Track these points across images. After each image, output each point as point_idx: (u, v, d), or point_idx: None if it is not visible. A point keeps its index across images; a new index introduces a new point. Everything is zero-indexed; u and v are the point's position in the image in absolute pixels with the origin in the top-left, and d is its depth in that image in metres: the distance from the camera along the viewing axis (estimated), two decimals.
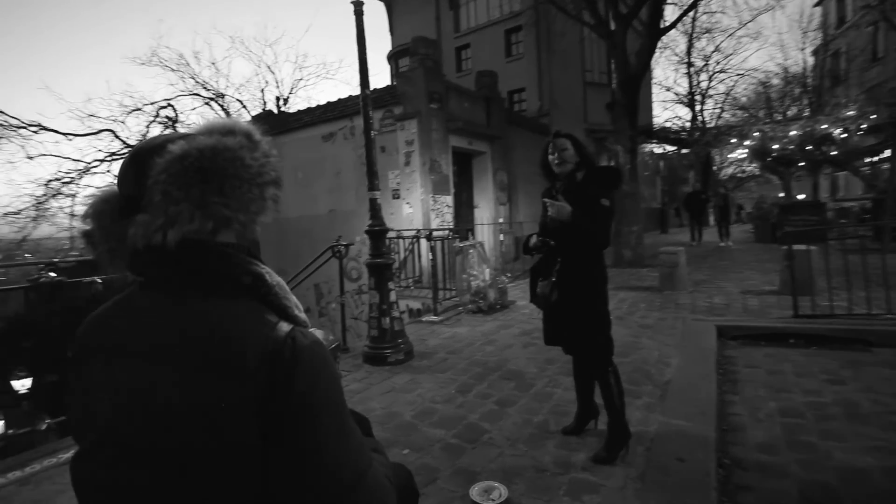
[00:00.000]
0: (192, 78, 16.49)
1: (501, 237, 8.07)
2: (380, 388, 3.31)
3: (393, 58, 17.82)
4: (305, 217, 10.59)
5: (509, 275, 8.20)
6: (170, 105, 15.75)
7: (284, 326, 0.66)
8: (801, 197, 17.23)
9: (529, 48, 14.61)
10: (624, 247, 8.81)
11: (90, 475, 0.65)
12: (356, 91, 9.75)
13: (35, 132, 13.61)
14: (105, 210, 0.71)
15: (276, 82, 27.55)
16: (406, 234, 7.39)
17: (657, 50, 14.68)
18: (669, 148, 22.07)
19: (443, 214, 9.21)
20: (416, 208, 8.95)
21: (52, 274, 2.98)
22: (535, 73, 14.40)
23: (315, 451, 0.62)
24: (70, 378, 0.70)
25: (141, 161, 0.67)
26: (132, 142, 15.12)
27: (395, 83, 9.19)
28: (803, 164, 14.28)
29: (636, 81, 8.59)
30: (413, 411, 2.87)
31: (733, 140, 15.16)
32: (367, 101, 3.95)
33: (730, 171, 24.82)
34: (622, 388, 2.31)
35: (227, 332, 0.63)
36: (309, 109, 10.96)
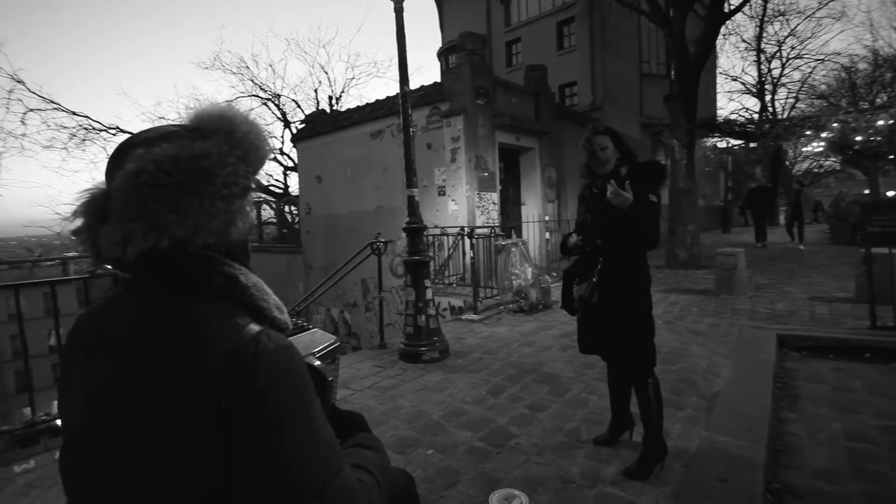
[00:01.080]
0: (251, 80, 17.36)
1: (547, 235, 7.87)
2: (412, 386, 3.31)
3: (443, 54, 17.84)
4: (354, 213, 10.86)
5: (554, 274, 7.99)
6: None
7: (252, 329, 0.65)
8: (890, 194, 15.54)
9: (582, 40, 14.11)
10: (678, 247, 8.32)
11: (68, 468, 0.67)
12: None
13: (114, 134, 14.88)
14: (90, 210, 0.71)
15: (329, 82, 28.55)
16: (450, 230, 7.39)
17: (721, 37, 13.73)
18: (735, 142, 20.62)
19: (488, 212, 9.12)
20: (461, 205, 8.92)
21: (108, 266, 3.21)
22: (588, 65, 13.89)
23: (275, 457, 0.60)
24: (61, 372, 0.73)
25: (119, 159, 0.68)
26: None
27: (442, 80, 9.17)
28: (893, 157, 12.86)
29: (695, 71, 8.06)
30: (442, 411, 2.85)
31: (808, 132, 13.90)
32: (406, 99, 3.95)
33: (805, 165, 22.84)
34: (661, 401, 2.17)
35: (190, 335, 0.63)
36: (358, 108, 11.20)
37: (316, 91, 20.62)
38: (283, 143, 17.97)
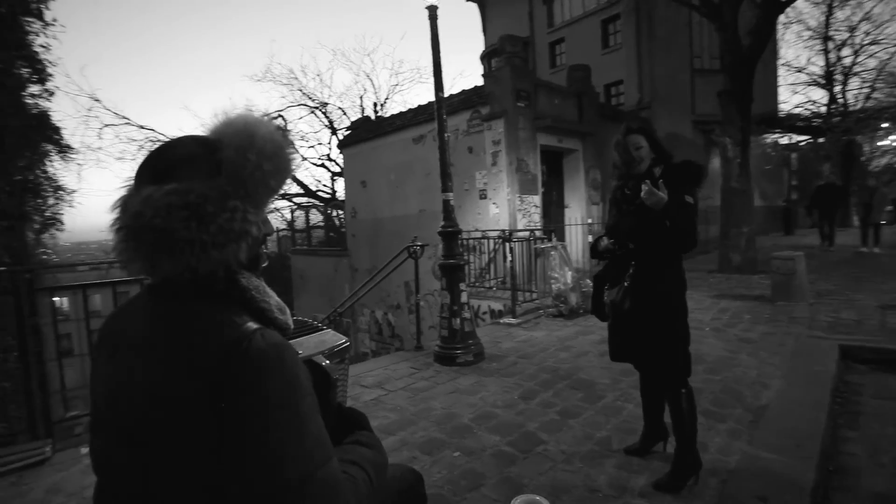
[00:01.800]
0: (300, 90, 18.10)
1: (590, 238, 7.65)
2: (444, 388, 3.35)
3: (486, 57, 17.83)
4: (397, 217, 11.07)
5: None
6: (280, 116, 17.49)
7: (249, 327, 0.71)
8: None
9: (628, 37, 13.66)
10: (731, 250, 7.87)
11: (94, 447, 0.76)
12: (447, 93, 9.96)
13: None
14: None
15: (374, 89, 29.19)
16: (491, 234, 7.39)
17: (781, 26, 12.88)
18: (799, 137, 19.22)
19: (530, 214, 9.03)
20: (502, 208, 8.89)
21: None
22: (635, 63, 13.43)
23: (259, 447, 0.65)
24: (91, 364, 0.82)
25: (138, 181, 0.76)
26: None
27: (483, 83, 9.18)
28: None
29: (750, 64, 7.60)
30: (472, 414, 2.86)
31: (885, 124, 12.72)
32: (440, 105, 4.01)
33: (884, 160, 20.92)
34: (695, 412, 2.07)
35: (192, 332, 0.70)
36: (401, 113, 11.42)
37: (361, 98, 21.26)
38: (330, 149, 18.62)
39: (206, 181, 0.74)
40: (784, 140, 18.87)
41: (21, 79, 5.29)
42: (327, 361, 0.99)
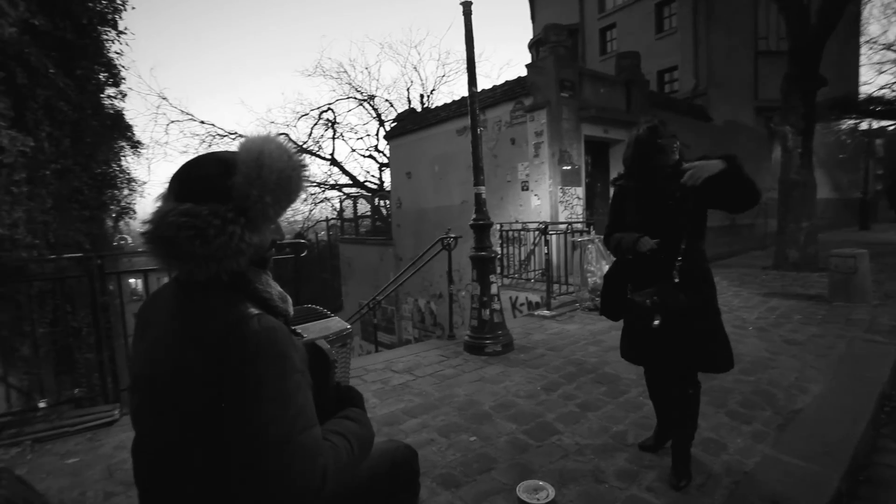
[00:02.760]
0: (349, 84, 18.57)
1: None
2: (470, 377, 3.46)
3: (534, 46, 17.47)
4: (441, 208, 11.22)
5: None
6: (330, 109, 18.05)
7: (249, 313, 0.86)
8: None
9: (684, 20, 12.93)
10: (789, 246, 7.39)
11: (131, 408, 0.94)
12: (492, 83, 9.92)
13: (233, 139, 16.92)
14: None
15: (421, 80, 29.38)
16: (531, 226, 7.37)
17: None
18: (885, 122, 17.45)
19: (572, 206, 8.89)
20: (543, 200, 8.81)
21: None
22: (691, 47, 12.71)
23: (248, 411, 0.80)
24: (132, 339, 1.00)
25: (167, 194, 0.94)
26: (303, 143, 17.74)
27: (526, 74, 9.07)
28: None
29: (817, 45, 7.03)
30: (493, 402, 2.96)
31: None
32: (473, 100, 4.07)
33: None
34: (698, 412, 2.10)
35: (202, 315, 0.87)
36: (445, 105, 11.50)
37: (408, 90, 21.48)
38: (377, 140, 19.03)
39: (214, 205, 0.88)
40: (864, 125, 17.22)
41: (99, 83, 5.85)
42: (326, 345, 1.12)
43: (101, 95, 6.19)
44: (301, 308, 1.35)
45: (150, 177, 19.76)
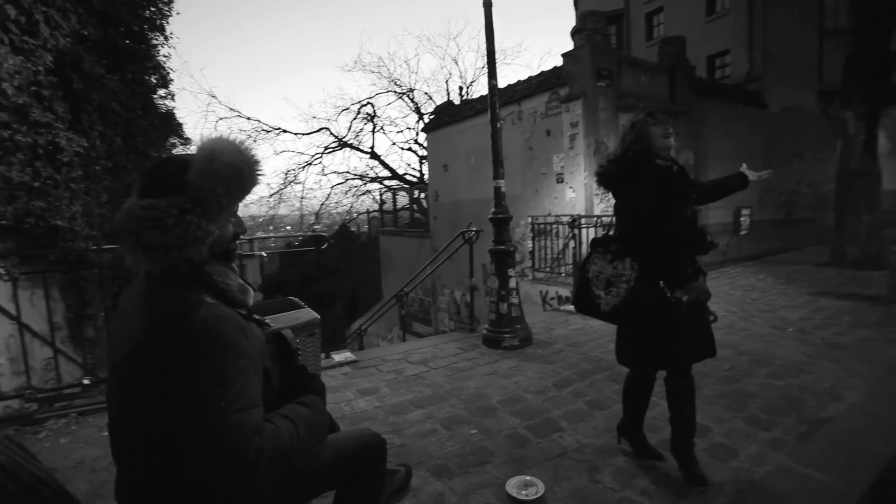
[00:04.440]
0: (388, 78, 18.80)
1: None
2: (483, 370, 3.47)
3: (576, 34, 16.94)
4: (477, 200, 11.20)
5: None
6: (369, 103, 18.36)
7: (201, 302, 0.94)
8: None
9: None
10: (848, 242, 6.83)
11: (106, 387, 1.04)
12: (532, 73, 9.73)
13: (278, 134, 17.59)
14: None
15: (460, 72, 29.20)
16: (564, 219, 7.24)
17: None
18: None
19: (608, 199, 8.63)
20: (578, 193, 8.60)
21: (263, 254, 4.04)
22: (745, 28, 11.87)
23: (190, 390, 0.88)
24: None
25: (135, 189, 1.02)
26: (343, 136, 18.17)
27: (562, 63, 8.84)
28: None
29: (889, 20, 6.38)
30: (501, 396, 2.96)
31: None
32: (493, 93, 4.04)
33: None
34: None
35: (158, 303, 0.96)
36: (481, 97, 11.42)
37: (447, 82, 21.49)
38: (417, 133, 19.19)
39: (172, 198, 0.97)
40: None
41: (150, 85, 6.26)
42: (290, 333, 1.18)
43: (154, 96, 6.64)
44: (281, 300, 1.42)
45: None
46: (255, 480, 0.91)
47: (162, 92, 6.71)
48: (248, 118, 20.24)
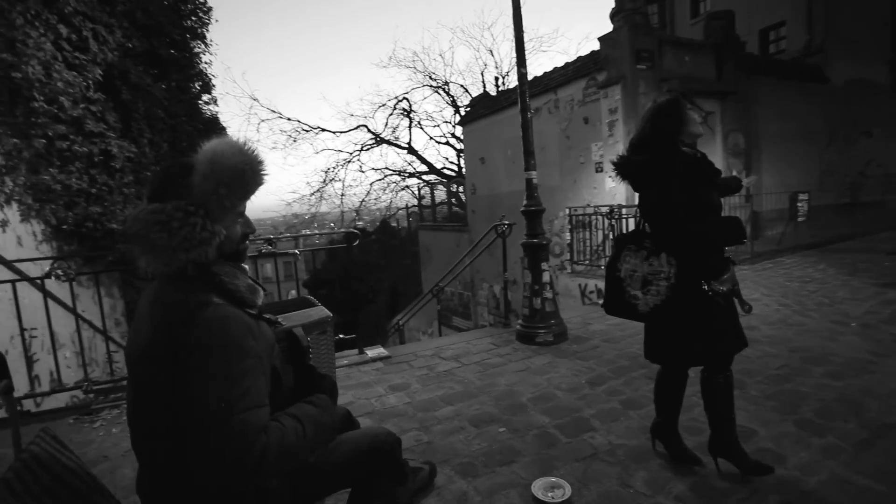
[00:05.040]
0: (422, 72, 18.82)
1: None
2: (515, 366, 3.42)
3: (615, 16, 16.26)
4: (515, 192, 11.02)
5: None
6: (405, 98, 18.44)
7: (208, 302, 0.97)
8: None
9: None
10: None
11: (126, 385, 1.09)
12: (571, 59, 9.45)
13: (317, 133, 18.00)
14: None
15: (496, 62, 28.78)
16: (603, 209, 7.01)
17: None
18: None
19: None
20: (618, 182, 8.29)
21: (297, 251, 4.16)
22: None
23: (194, 388, 0.91)
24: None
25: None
26: (380, 132, 18.37)
27: (599, 47, 8.51)
28: None
29: None
30: (532, 394, 2.90)
31: None
32: (523, 82, 3.94)
33: None
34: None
35: (168, 303, 0.99)
36: (517, 87, 11.23)
37: (482, 73, 21.27)
38: (454, 127, 19.12)
39: (176, 202, 1.00)
40: None
41: (194, 91, 6.56)
42: (301, 331, 1.20)
43: (198, 102, 6.96)
44: (296, 298, 1.45)
45: None
46: (259, 478, 0.93)
47: (206, 98, 7.03)
48: (289, 119, 20.86)
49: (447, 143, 19.64)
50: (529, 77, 10.87)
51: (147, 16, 4.76)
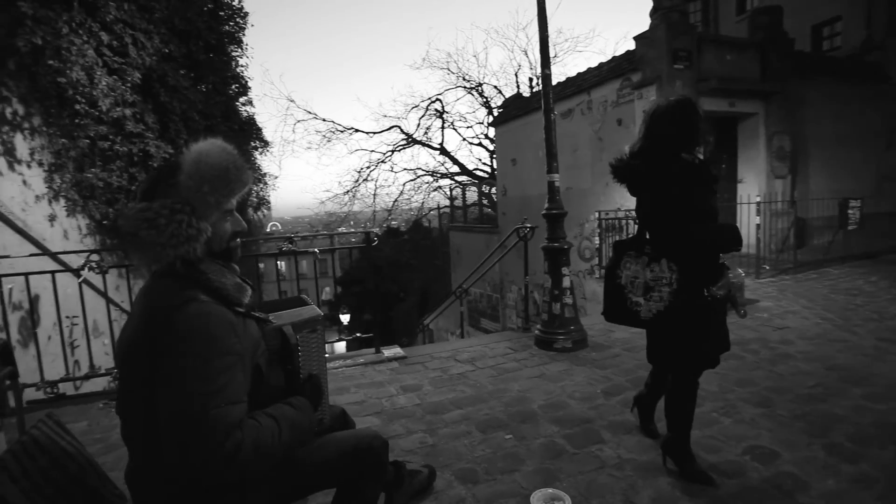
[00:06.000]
0: (456, 73, 18.78)
1: (758, 219, 6.33)
2: (530, 372, 3.35)
3: (653, 14, 15.75)
4: (545, 194, 10.84)
5: (766, 267, 6.54)
6: (438, 99, 18.48)
7: (191, 298, 0.99)
8: None
9: None
10: None
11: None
12: (602, 60, 9.24)
13: (351, 134, 18.31)
14: None
15: (530, 64, 28.42)
16: (634, 214, 6.81)
17: None
18: None
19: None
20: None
21: (316, 251, 4.24)
22: None
23: (173, 383, 0.94)
24: None
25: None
26: (412, 133, 18.50)
27: (635, 47, 8.26)
28: None
29: None
30: (544, 401, 2.84)
31: None
32: (547, 82, 3.87)
33: None
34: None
35: (154, 299, 1.03)
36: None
37: (516, 74, 21.06)
38: (486, 128, 19.04)
39: (163, 200, 1.03)
40: None
41: (230, 93, 6.80)
42: (290, 330, 1.21)
43: (236, 103, 7.21)
44: (290, 297, 1.46)
45: (280, 171, 22.37)
46: (231, 473, 0.94)
47: (242, 99, 7.29)
48: (324, 119, 21.32)
49: (479, 145, 19.58)
50: (563, 78, 10.71)
51: (185, 22, 4.97)
